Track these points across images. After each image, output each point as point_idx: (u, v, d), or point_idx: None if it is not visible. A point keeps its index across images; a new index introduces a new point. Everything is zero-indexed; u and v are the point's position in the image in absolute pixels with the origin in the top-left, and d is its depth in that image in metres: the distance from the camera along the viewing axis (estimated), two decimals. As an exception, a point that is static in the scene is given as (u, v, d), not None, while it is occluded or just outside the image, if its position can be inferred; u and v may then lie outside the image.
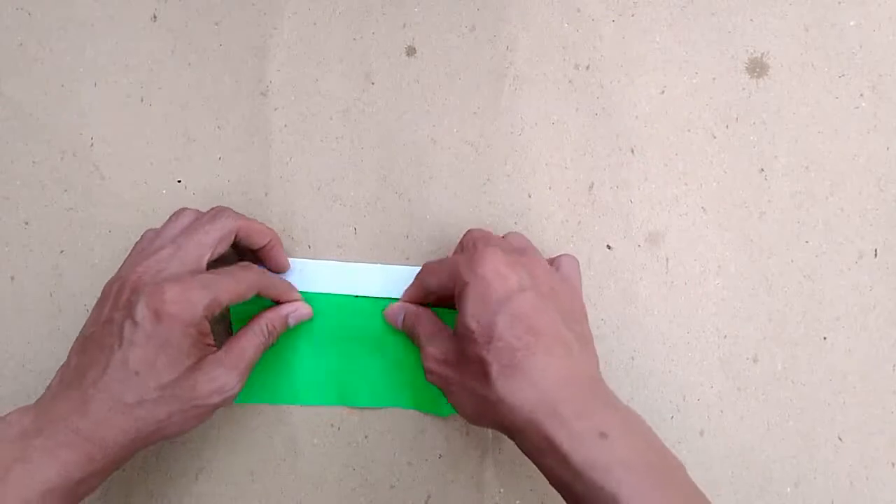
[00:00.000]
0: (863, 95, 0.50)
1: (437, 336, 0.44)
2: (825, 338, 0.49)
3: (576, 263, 0.46)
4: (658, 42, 0.51)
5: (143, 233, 0.47)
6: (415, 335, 0.46)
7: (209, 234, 0.45)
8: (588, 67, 0.51)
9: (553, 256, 0.47)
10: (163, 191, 0.52)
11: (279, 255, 0.49)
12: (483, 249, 0.42)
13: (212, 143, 0.52)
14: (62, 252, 0.51)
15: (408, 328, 0.47)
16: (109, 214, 0.51)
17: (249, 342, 0.45)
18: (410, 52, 0.52)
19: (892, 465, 0.48)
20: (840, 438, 0.49)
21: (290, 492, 0.49)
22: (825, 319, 0.49)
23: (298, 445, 0.50)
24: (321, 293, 0.50)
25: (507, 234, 0.47)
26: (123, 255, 0.51)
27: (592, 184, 0.51)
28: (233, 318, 0.49)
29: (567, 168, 0.51)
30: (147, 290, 0.41)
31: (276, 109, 0.52)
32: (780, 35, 0.51)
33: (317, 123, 0.52)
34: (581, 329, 0.43)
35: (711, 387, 0.49)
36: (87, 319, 0.44)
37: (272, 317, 0.47)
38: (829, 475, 0.48)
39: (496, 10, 0.51)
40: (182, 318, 0.41)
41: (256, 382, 0.49)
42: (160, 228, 0.47)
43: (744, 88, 0.51)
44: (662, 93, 0.51)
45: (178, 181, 0.52)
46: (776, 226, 0.50)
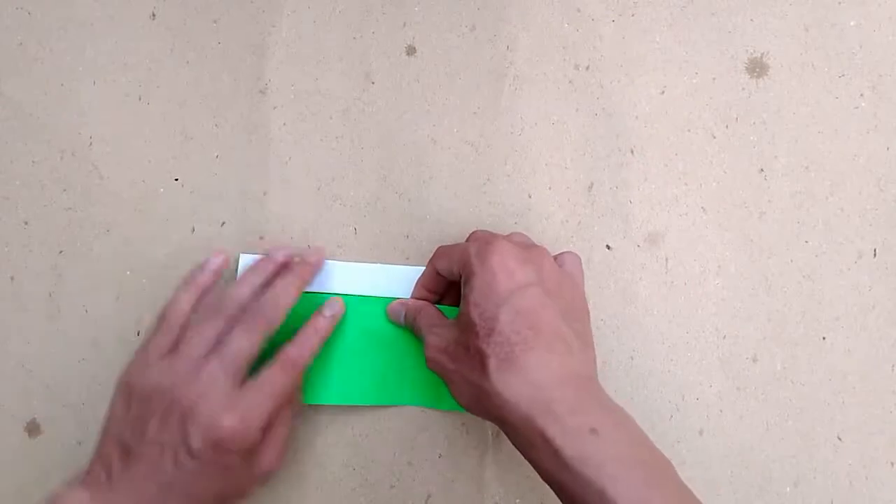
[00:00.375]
0: (863, 95, 0.50)
1: (439, 326, 0.45)
2: (825, 338, 0.49)
3: (579, 261, 0.47)
4: (658, 42, 0.51)
5: (166, 314, 0.46)
6: (417, 327, 0.47)
7: (252, 342, 0.44)
8: (588, 67, 0.51)
9: (556, 254, 0.47)
10: (160, 189, 0.51)
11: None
12: (494, 241, 0.43)
13: (210, 142, 0.52)
14: (61, 252, 0.51)
15: (410, 321, 0.48)
16: (108, 214, 0.51)
17: (283, 423, 0.45)
18: (410, 52, 0.52)
19: (892, 465, 0.49)
20: (839, 438, 0.49)
21: (290, 492, 0.49)
22: (825, 319, 0.49)
23: (298, 445, 0.50)
24: (321, 293, 0.50)
25: (511, 234, 0.47)
26: (123, 255, 0.51)
27: (592, 184, 0.51)
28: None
29: (567, 168, 0.51)
30: (202, 421, 0.42)
31: (275, 108, 0.52)
32: (780, 35, 0.51)
33: (316, 123, 0.51)
34: (582, 327, 0.43)
35: (711, 386, 0.49)
36: (117, 414, 0.44)
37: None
38: (829, 475, 0.49)
39: (496, 10, 0.51)
40: (242, 447, 0.42)
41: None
42: (198, 322, 0.46)
43: (744, 88, 0.51)
44: (662, 93, 0.51)
45: (176, 180, 0.51)
46: (776, 226, 0.50)
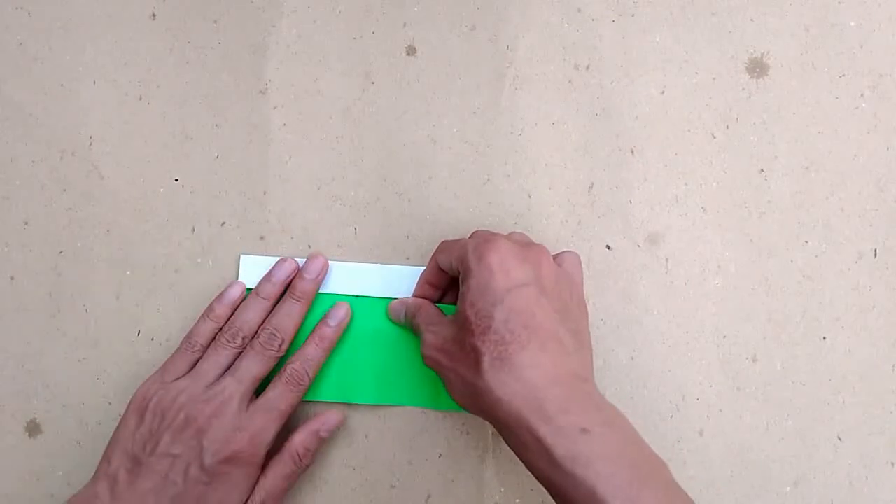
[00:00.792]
0: (863, 95, 0.50)
1: (437, 323, 0.45)
2: (825, 338, 0.49)
3: (578, 260, 0.47)
4: (658, 42, 0.51)
5: (186, 342, 0.48)
6: (415, 325, 0.47)
7: (265, 367, 0.47)
8: (588, 67, 0.51)
9: (556, 253, 0.47)
10: (160, 189, 0.51)
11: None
12: (492, 239, 0.43)
13: (210, 142, 0.52)
14: (61, 252, 0.51)
15: (409, 320, 0.48)
16: (108, 214, 0.51)
17: (277, 474, 0.46)
18: (410, 52, 0.52)
19: (892, 465, 0.49)
20: (839, 438, 0.49)
21: (290, 492, 0.49)
22: (825, 319, 0.49)
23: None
24: (321, 293, 0.50)
25: (511, 234, 0.47)
26: (123, 255, 0.51)
27: (592, 184, 0.51)
28: None
29: (567, 168, 0.51)
30: (217, 437, 0.44)
31: (275, 108, 0.52)
32: (780, 35, 0.51)
33: (316, 122, 0.52)
34: (578, 327, 0.43)
35: (711, 386, 0.49)
36: (129, 428, 0.45)
37: (302, 438, 0.47)
38: (829, 475, 0.49)
39: (496, 10, 0.51)
40: (252, 462, 0.45)
41: (256, 382, 0.49)
42: (214, 349, 0.47)
43: (744, 88, 0.51)
44: (662, 93, 0.51)
45: (176, 180, 0.51)
46: (776, 226, 0.50)
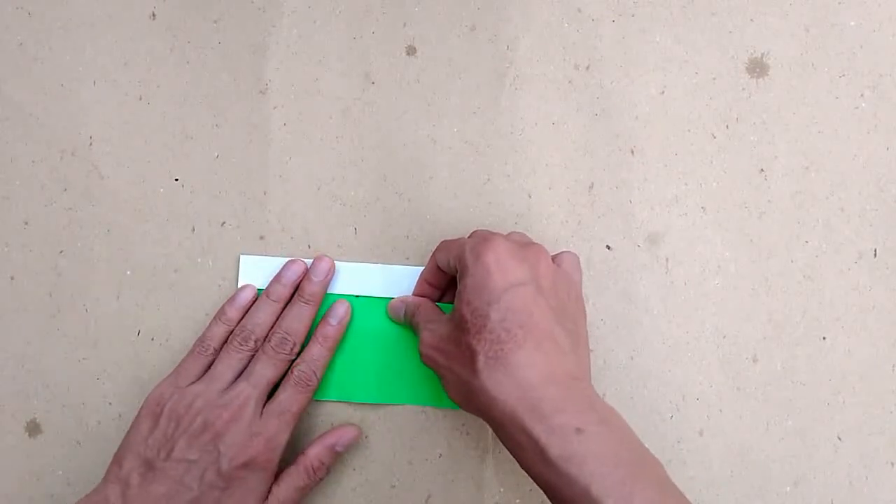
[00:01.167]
0: (863, 95, 0.50)
1: (435, 322, 0.45)
2: (825, 338, 0.49)
3: (577, 260, 0.47)
4: (658, 42, 0.51)
5: (199, 345, 0.48)
6: (414, 323, 0.47)
7: (278, 371, 0.47)
8: (588, 67, 0.51)
9: (555, 253, 0.47)
10: (160, 189, 0.51)
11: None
12: (490, 238, 0.43)
13: (210, 142, 0.52)
14: (61, 252, 0.51)
15: (409, 318, 0.48)
16: (108, 214, 0.51)
17: (290, 485, 0.47)
18: (410, 52, 0.52)
19: (892, 465, 0.49)
20: (839, 438, 0.49)
21: (290, 491, 0.49)
22: (825, 319, 0.49)
23: (298, 445, 0.50)
24: (321, 293, 0.50)
25: (510, 233, 0.47)
26: (123, 255, 0.51)
27: (592, 184, 0.51)
28: None
29: (567, 168, 0.51)
30: (235, 442, 0.45)
31: (276, 108, 0.52)
32: (780, 35, 0.51)
33: (316, 123, 0.52)
34: (575, 326, 0.43)
35: (711, 386, 0.49)
36: (142, 432, 0.46)
37: (317, 452, 0.48)
38: (829, 475, 0.49)
39: (496, 10, 0.51)
40: (267, 467, 0.45)
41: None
42: (227, 353, 0.48)
43: (744, 88, 0.51)
44: (662, 93, 0.51)
45: (176, 180, 0.51)
46: (776, 226, 0.50)
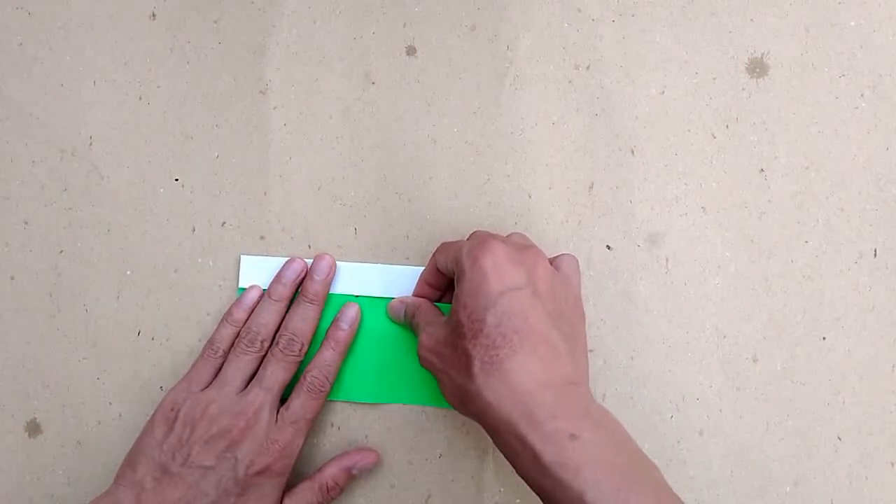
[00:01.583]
0: (863, 95, 0.50)
1: (433, 324, 0.45)
2: (825, 338, 0.49)
3: (575, 263, 0.46)
4: (658, 42, 0.51)
5: (208, 347, 0.49)
6: (414, 324, 0.47)
7: (289, 373, 0.48)
8: (588, 67, 0.51)
9: (553, 256, 0.47)
10: (161, 189, 0.51)
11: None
12: (487, 241, 0.42)
13: (210, 142, 0.52)
14: (61, 252, 0.51)
15: (409, 319, 0.48)
16: (108, 214, 0.51)
17: (302, 501, 0.47)
18: (410, 52, 0.52)
19: (892, 465, 0.49)
20: (839, 438, 0.49)
21: (290, 491, 0.49)
22: (825, 319, 0.49)
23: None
24: (321, 293, 0.50)
25: (510, 235, 0.47)
26: (123, 255, 0.51)
27: (592, 184, 0.51)
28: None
29: (567, 168, 0.51)
30: (252, 448, 0.45)
31: (276, 108, 0.52)
32: (780, 35, 0.51)
33: (316, 123, 0.52)
34: (572, 331, 0.43)
35: (711, 386, 0.49)
36: (157, 437, 0.46)
37: (334, 472, 0.48)
38: (829, 475, 0.49)
39: (496, 10, 0.51)
40: (282, 473, 0.46)
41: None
42: (235, 355, 0.48)
43: (744, 88, 0.51)
44: (662, 93, 0.51)
45: (176, 180, 0.51)
46: (776, 226, 0.50)
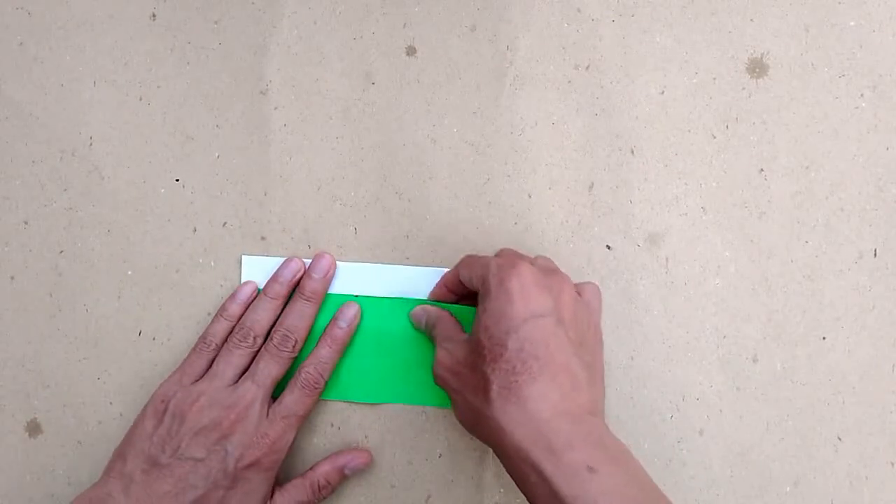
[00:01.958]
0: (863, 95, 0.50)
1: (452, 341, 0.44)
2: (825, 338, 0.49)
3: (598, 291, 0.47)
4: (658, 42, 0.51)
5: (202, 341, 0.49)
6: (433, 336, 0.47)
7: (282, 368, 0.48)
8: (588, 67, 0.51)
9: (577, 283, 0.46)
10: (161, 189, 0.51)
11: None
12: (516, 263, 0.42)
13: (210, 142, 0.52)
14: (61, 252, 0.51)
15: (429, 329, 0.47)
16: (108, 214, 0.51)
17: (293, 498, 0.47)
18: (410, 52, 0.52)
19: (892, 465, 0.49)
20: (839, 438, 0.49)
21: (290, 491, 0.49)
22: (825, 319, 0.49)
23: (299, 445, 0.50)
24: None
25: (536, 258, 0.47)
26: (123, 255, 0.51)
27: (592, 184, 0.51)
28: None
29: (567, 168, 0.51)
30: (242, 442, 0.45)
31: (276, 108, 0.52)
32: (780, 35, 0.51)
33: (316, 123, 0.52)
34: (592, 359, 0.43)
35: (711, 386, 0.49)
36: (147, 429, 0.46)
37: (326, 471, 0.48)
38: (829, 475, 0.49)
39: (496, 10, 0.51)
40: (272, 468, 0.46)
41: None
42: (228, 350, 0.48)
43: (744, 88, 0.51)
44: (662, 93, 0.51)
45: (177, 180, 0.51)
46: (776, 226, 0.50)
